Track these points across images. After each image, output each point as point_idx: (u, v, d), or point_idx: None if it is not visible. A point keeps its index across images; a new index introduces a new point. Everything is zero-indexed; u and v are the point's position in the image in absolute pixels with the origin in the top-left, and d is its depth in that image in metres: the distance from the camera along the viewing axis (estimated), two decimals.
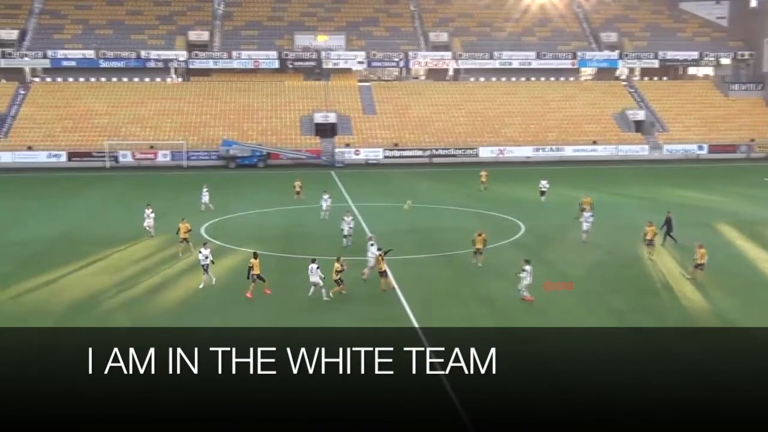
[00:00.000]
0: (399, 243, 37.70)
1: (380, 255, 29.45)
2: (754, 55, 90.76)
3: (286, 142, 77.00)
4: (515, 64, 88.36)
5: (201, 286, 30.26)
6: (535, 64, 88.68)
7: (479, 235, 33.42)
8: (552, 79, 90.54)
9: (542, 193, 51.25)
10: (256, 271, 28.92)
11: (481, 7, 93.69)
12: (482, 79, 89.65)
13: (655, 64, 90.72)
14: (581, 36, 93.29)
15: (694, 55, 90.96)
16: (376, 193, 55.96)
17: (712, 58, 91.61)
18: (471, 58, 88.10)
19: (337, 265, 28.45)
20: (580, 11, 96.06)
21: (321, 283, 28.27)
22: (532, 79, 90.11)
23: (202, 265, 30.58)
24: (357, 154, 76.88)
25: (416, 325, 26.19)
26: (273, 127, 78.92)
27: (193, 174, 65.65)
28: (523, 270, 28.52)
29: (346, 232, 37.63)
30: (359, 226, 43.42)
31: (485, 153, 78.11)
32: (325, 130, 79.36)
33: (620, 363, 23.10)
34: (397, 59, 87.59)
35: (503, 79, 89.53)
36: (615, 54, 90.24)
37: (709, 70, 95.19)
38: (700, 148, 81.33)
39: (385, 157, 77.09)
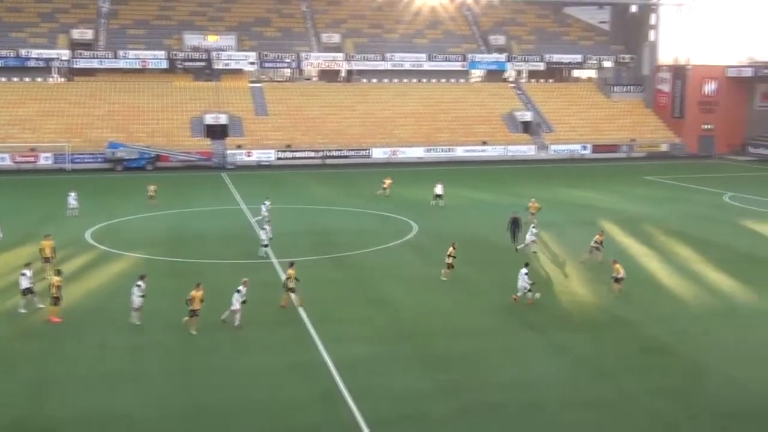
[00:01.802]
0: (294, 245, 37.52)
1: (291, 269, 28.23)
2: (635, 58, 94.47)
3: (175, 144, 75.26)
4: (407, 66, 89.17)
5: (22, 311, 27.02)
6: (427, 65, 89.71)
7: (453, 247, 32.41)
8: (443, 80, 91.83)
9: (437, 197, 50.41)
10: (54, 292, 26.12)
11: (372, 8, 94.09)
12: (374, 80, 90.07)
13: (542, 66, 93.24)
14: (471, 38, 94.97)
15: (578, 58, 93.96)
16: (269, 196, 55.29)
17: (595, 61, 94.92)
18: (363, 59, 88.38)
19: (197, 294, 25.07)
20: (469, 14, 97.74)
21: (139, 303, 25.73)
22: (424, 80, 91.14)
23: (23, 289, 27.09)
24: (249, 156, 75.91)
25: (310, 326, 26.00)
26: (162, 129, 76.98)
27: (77, 177, 63.38)
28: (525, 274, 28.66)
29: (265, 242, 36.08)
30: (251, 228, 42.96)
31: (378, 154, 78.49)
32: (216, 132, 78.01)
33: (513, 358, 23.61)
34: (289, 60, 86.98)
35: (395, 80, 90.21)
36: (503, 56, 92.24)
37: (593, 73, 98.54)
38: (584, 148, 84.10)
39: (278, 158, 76.39)
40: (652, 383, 21.63)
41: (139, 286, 25.88)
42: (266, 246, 35.94)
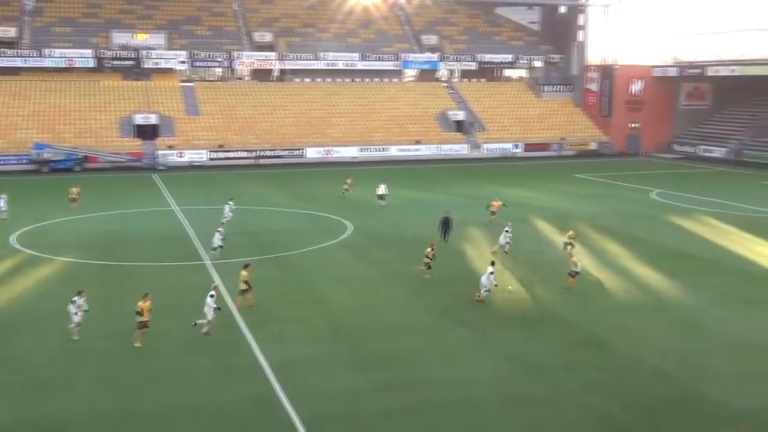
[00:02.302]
0: (229, 246, 37.03)
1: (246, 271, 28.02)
2: (564, 58, 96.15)
3: (104, 145, 73.67)
4: (340, 65, 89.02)
5: None
6: (360, 65, 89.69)
7: (432, 248, 32.41)
8: (376, 80, 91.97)
9: (380, 197, 50.26)
10: None
11: (305, 7, 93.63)
12: (308, 79, 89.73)
13: (473, 66, 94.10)
14: (404, 38, 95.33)
15: (509, 58, 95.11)
16: (201, 197, 54.64)
17: (526, 61, 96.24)
18: (296, 58, 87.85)
19: (144, 304, 24.01)
20: (402, 14, 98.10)
21: (78, 320, 24.26)
22: (357, 80, 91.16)
23: None
24: (180, 157, 74.78)
25: (246, 328, 25.72)
26: (90, 129, 75.21)
27: (1, 180, 61.47)
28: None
29: (216, 245, 35.44)
30: (184, 229, 42.38)
31: (312, 154, 78.21)
32: (146, 132, 76.59)
33: (450, 356, 23.75)
34: (220, 59, 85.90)
35: (328, 79, 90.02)
36: (436, 56, 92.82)
37: (524, 73, 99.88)
38: (516, 146, 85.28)
39: (210, 159, 75.46)
40: (585, 377, 22.05)
41: (74, 302, 24.53)
42: (215, 249, 35.38)
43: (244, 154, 76.33)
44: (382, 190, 50.59)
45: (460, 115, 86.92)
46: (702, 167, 76.07)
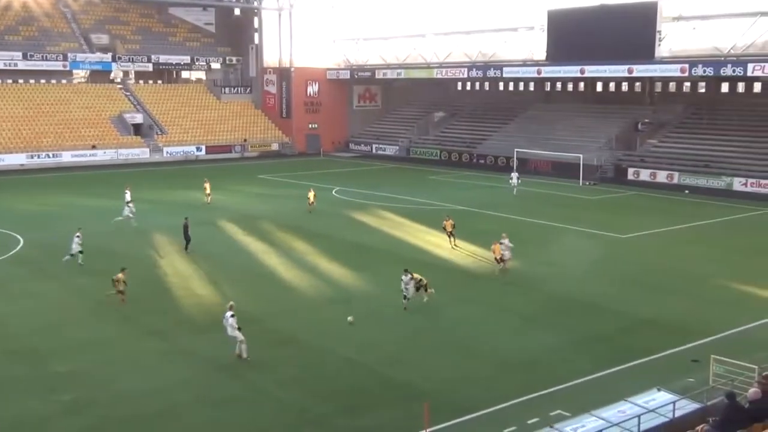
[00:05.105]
0: None
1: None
2: (242, 60, 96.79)
3: None
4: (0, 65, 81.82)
5: None
6: (22, 65, 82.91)
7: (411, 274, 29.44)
8: (43, 81, 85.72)
9: (128, 203, 46.34)
10: None
11: None
12: None
13: (149, 67, 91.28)
14: (71, 37, 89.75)
15: (186, 59, 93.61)
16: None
17: (204, 63, 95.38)
18: None
19: None
20: (67, 11, 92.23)
21: None
22: (20, 81, 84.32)
23: None
24: None
25: None
26: None
27: None
28: (401, 280, 28.68)
29: (76, 250, 34.19)
30: None
31: None
32: None
33: (140, 366, 22.81)
34: None
35: None
36: (108, 56, 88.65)
37: (202, 74, 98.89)
38: (199, 149, 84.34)
39: None
40: (280, 374, 22.36)
41: None
42: (74, 255, 33.70)
43: None
44: (128, 196, 47.06)
45: (138, 118, 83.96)
46: (377, 165, 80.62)
